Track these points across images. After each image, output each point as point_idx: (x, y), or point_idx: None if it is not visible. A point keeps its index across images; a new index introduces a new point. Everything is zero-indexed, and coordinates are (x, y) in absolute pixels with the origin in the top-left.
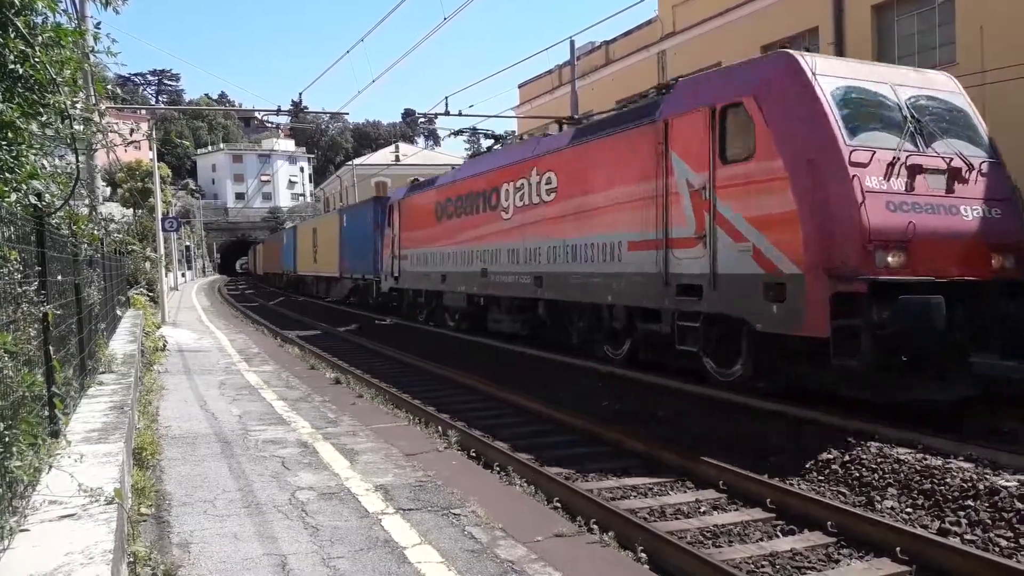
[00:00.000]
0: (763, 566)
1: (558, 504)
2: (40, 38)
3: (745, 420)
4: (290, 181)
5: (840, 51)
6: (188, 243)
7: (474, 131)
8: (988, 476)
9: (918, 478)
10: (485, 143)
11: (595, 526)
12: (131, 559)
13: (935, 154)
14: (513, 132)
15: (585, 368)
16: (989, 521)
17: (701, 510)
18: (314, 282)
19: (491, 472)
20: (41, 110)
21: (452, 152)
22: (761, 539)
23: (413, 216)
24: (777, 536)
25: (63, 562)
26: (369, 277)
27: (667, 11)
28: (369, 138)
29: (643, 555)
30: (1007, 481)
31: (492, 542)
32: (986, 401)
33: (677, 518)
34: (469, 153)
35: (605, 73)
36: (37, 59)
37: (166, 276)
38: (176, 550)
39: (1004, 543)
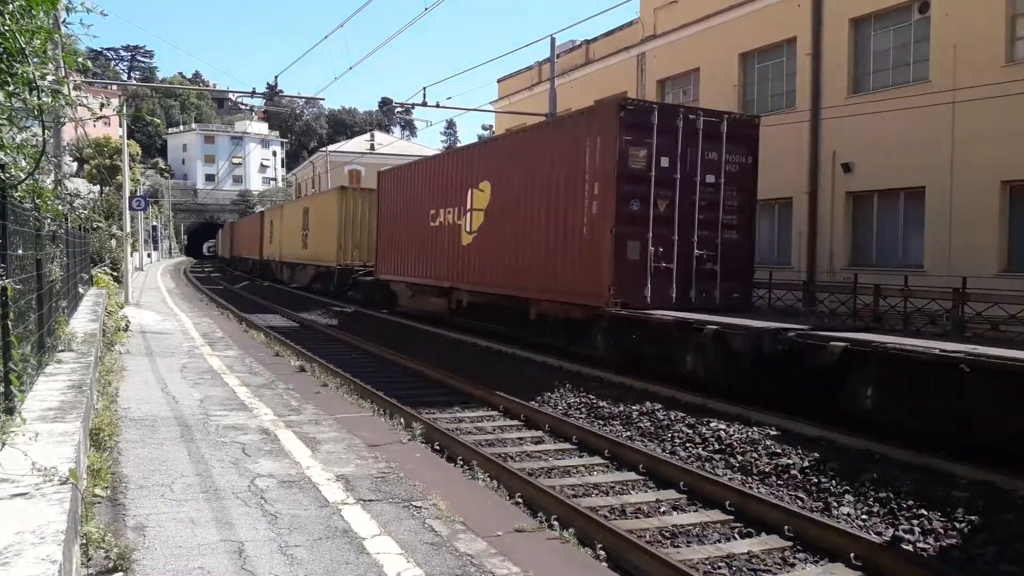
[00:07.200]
0: (720, 567)
1: (520, 499)
2: (11, 5)
3: (708, 421)
4: (262, 165)
5: (817, 63)
6: (155, 223)
7: (450, 124)
8: (943, 487)
9: (874, 486)
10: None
11: (556, 522)
12: (84, 541)
13: None
14: (491, 127)
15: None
16: (942, 530)
17: (661, 510)
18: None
19: (455, 466)
20: (9, 80)
21: (428, 144)
22: (719, 540)
23: None
24: (735, 538)
25: (13, 541)
26: None
27: (648, 14)
28: (344, 125)
29: (602, 552)
30: (961, 492)
31: (452, 535)
32: None
33: (637, 517)
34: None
35: (584, 72)
36: (7, 27)
37: (131, 256)
38: (131, 533)
39: (956, 553)
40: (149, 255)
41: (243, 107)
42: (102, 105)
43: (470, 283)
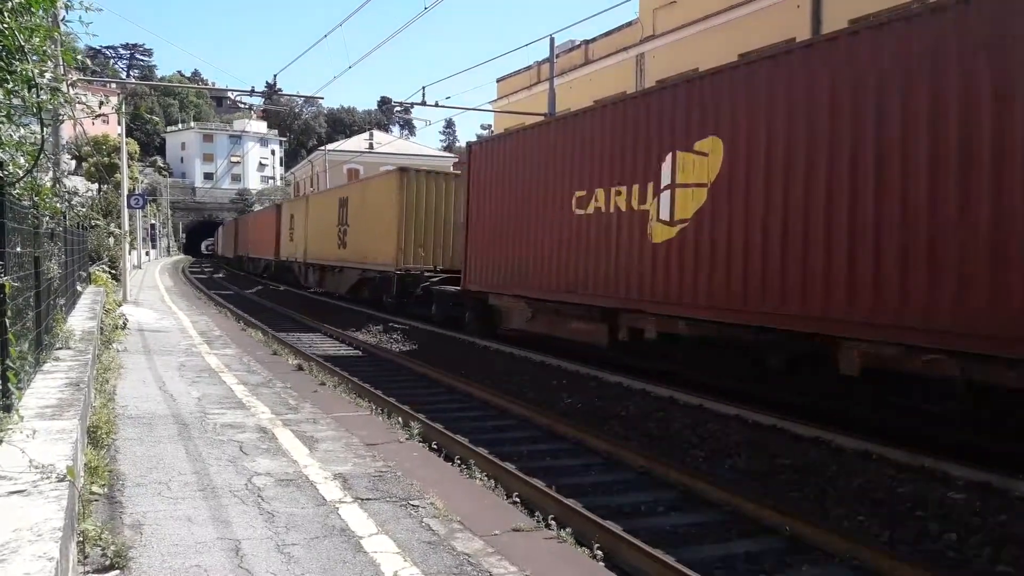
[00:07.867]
0: (717, 568)
1: (517, 499)
2: (10, 3)
3: (705, 422)
4: (260, 163)
5: None
6: (153, 221)
7: (449, 123)
8: (939, 488)
9: (872, 487)
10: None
11: (553, 522)
12: (81, 538)
13: None
14: (490, 126)
15: None
16: (938, 533)
17: (659, 510)
18: None
19: (452, 465)
20: (8, 77)
21: (427, 143)
22: (717, 541)
23: None
24: (732, 539)
25: (11, 538)
26: None
27: (647, 14)
28: (343, 124)
29: (599, 552)
30: (957, 494)
31: (449, 534)
32: None
33: (635, 517)
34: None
35: (583, 72)
36: (6, 25)
37: (129, 254)
38: (128, 531)
39: (952, 555)
40: (147, 253)
41: (242, 106)
42: (101, 103)
43: (666, 302)
